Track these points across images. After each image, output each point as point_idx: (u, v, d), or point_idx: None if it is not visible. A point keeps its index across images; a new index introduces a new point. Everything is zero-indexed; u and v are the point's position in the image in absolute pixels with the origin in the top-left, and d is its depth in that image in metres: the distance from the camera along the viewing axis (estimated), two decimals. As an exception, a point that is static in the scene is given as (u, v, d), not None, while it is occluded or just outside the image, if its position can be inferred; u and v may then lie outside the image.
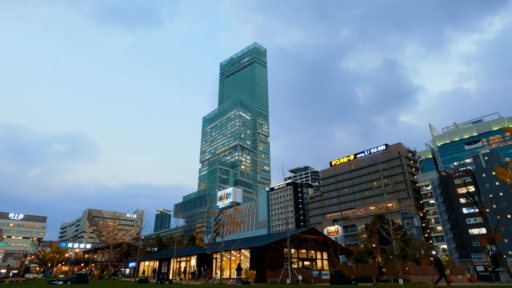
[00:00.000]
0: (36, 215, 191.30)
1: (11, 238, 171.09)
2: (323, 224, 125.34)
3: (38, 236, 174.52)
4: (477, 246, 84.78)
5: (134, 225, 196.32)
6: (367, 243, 52.58)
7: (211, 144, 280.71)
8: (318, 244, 39.41)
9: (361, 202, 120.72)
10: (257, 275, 33.63)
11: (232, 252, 38.25)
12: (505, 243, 77.05)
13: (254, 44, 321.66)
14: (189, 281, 38.49)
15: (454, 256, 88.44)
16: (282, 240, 31.05)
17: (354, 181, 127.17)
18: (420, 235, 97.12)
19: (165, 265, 51.95)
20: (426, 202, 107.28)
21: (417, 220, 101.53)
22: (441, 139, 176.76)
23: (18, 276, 61.39)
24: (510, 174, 20.80)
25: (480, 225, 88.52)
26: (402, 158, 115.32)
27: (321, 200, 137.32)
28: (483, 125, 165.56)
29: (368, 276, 32.64)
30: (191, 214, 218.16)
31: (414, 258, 50.30)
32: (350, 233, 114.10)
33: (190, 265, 46.46)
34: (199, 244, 43.60)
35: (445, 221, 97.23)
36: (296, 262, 35.95)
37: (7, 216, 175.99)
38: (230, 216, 39.23)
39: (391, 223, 32.53)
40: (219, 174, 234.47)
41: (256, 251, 35.09)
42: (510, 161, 22.31)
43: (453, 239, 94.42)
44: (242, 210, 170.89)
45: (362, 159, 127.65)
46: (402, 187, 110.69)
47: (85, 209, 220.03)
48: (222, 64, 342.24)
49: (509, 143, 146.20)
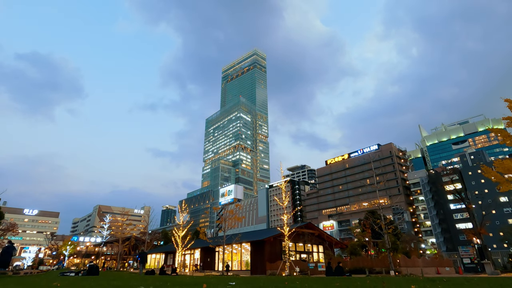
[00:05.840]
0: (50, 211, 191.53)
1: (26, 233, 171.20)
2: (319, 219, 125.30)
3: (51, 230, 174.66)
4: (463, 239, 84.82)
5: (141, 220, 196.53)
6: (361, 237, 52.58)
7: (213, 144, 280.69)
8: (315, 238, 39.40)
9: (355, 199, 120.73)
10: (257, 267, 33.64)
11: (234, 246, 38.24)
12: (490, 237, 77.05)
13: (254, 50, 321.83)
14: (193, 273, 38.52)
15: (442, 249, 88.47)
16: (281, 234, 31.05)
17: (348, 179, 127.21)
18: (410, 230, 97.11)
19: (171, 258, 51.96)
20: (415, 198, 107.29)
21: (407, 215, 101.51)
22: (430, 139, 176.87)
23: (33, 268, 61.38)
24: (495, 172, 20.79)
25: (466, 220, 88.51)
26: (393, 157, 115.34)
27: (317, 197, 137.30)
28: (469, 126, 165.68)
29: (361, 268, 32.65)
30: (195, 210, 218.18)
31: (405, 251, 50.31)
32: (344, 228, 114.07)
33: (194, 258, 46.51)
34: (202, 238, 43.61)
35: (434, 216, 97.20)
36: (294, 255, 35.98)
37: (22, 212, 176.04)
38: (231, 211, 39.24)
39: (383, 218, 32.54)
40: (221, 172, 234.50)
41: (256, 245, 35.10)
42: (494, 160, 22.28)
43: (441, 233, 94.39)
44: (243, 206, 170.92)
45: (355, 158, 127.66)
46: (393, 184, 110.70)
47: (95, 205, 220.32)
48: (224, 69, 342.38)
49: (494, 143, 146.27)
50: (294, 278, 21.65)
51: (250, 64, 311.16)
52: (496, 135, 21.91)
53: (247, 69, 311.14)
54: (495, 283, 8.03)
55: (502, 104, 20.28)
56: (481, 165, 26.42)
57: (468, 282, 8.60)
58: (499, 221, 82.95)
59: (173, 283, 7.82)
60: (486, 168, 21.98)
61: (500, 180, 20.31)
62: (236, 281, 8.31)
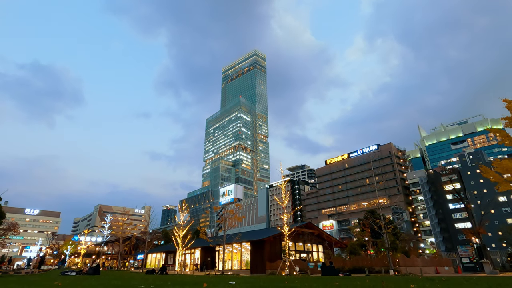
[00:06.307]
0: (51, 211, 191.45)
1: (27, 232, 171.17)
2: (318, 218, 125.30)
3: (52, 230, 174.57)
4: (462, 239, 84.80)
5: (142, 220, 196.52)
6: (360, 237, 52.53)
7: (214, 144, 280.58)
8: (314, 237, 39.40)
9: (354, 198, 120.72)
10: (257, 267, 33.65)
11: (234, 245, 38.24)
12: (488, 237, 77.13)
13: (254, 51, 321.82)
14: (194, 272, 38.51)
15: (441, 248, 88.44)
16: (281, 233, 31.06)
17: (347, 179, 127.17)
18: (409, 229, 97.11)
19: (171, 257, 51.97)
20: (415, 198, 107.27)
21: (406, 215, 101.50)
22: (429, 139, 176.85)
23: (34, 267, 61.32)
24: (493, 172, 20.79)
25: (465, 220, 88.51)
26: (392, 157, 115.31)
27: (317, 197, 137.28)
28: (468, 126, 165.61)
29: (360, 267, 32.64)
30: (195, 210, 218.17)
31: (404, 250, 50.23)
32: (344, 227, 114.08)
33: (194, 257, 46.52)
34: (202, 237, 43.62)
35: (433, 216, 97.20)
36: (294, 254, 35.99)
37: (23, 211, 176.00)
38: (232, 211, 39.23)
39: (382, 218, 32.53)
40: (222, 172, 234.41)
41: (256, 244, 35.11)
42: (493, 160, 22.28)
43: (440, 233, 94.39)
44: (243, 205, 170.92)
45: (355, 158, 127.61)
46: (393, 184, 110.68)
47: (96, 205, 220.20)
48: (224, 69, 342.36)
49: (492, 143, 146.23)
50: (294, 277, 21.64)
51: (250, 64, 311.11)
52: (495, 135, 21.94)
53: (247, 69, 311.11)
54: (494, 282, 8.04)
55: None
56: (480, 165, 26.40)
57: (467, 281, 8.61)
58: (498, 220, 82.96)
59: (174, 282, 7.83)
60: (485, 168, 21.96)
61: (498, 180, 20.30)
62: (236, 280, 8.33)
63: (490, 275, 24.64)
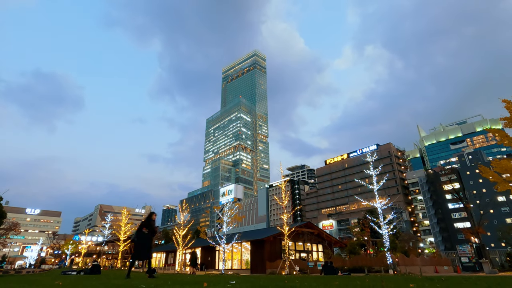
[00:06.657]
0: (52, 210, 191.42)
1: (28, 232, 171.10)
2: (318, 218, 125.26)
3: (53, 230, 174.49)
4: (461, 239, 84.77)
5: (142, 220, 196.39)
6: (360, 236, 52.49)
7: (214, 144, 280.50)
8: (314, 237, 39.39)
9: (354, 198, 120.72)
10: (257, 266, 33.64)
11: (234, 245, 38.23)
12: (488, 236, 77.11)
13: (254, 51, 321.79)
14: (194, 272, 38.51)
15: (441, 248, 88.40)
16: (281, 233, 31.04)
17: (347, 179, 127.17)
18: (408, 229, 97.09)
19: (172, 257, 51.93)
20: (414, 198, 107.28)
21: (406, 214, 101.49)
22: (428, 139, 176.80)
23: (35, 267, 61.45)
24: (493, 172, 20.78)
25: (464, 220, 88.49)
26: (392, 157, 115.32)
27: (316, 196, 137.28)
28: (467, 126, 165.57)
29: (360, 267, 32.61)
30: (195, 209, 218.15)
31: (403, 250, 50.18)
32: (343, 227, 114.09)
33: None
34: (203, 237, 43.62)
35: (432, 216, 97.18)
36: (294, 254, 35.97)
37: (24, 211, 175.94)
38: (232, 211, 39.24)
39: (383, 218, 32.44)
40: (222, 172, 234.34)
41: (256, 244, 35.10)
42: (492, 160, 22.32)
43: (440, 232, 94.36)
44: (243, 205, 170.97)
45: (354, 158, 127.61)
46: (392, 184, 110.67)
47: (96, 205, 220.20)
48: (224, 70, 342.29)
49: (491, 143, 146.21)
50: (294, 277, 21.62)
51: (250, 64, 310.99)
52: (494, 135, 21.93)
53: (247, 69, 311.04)
54: (493, 281, 8.03)
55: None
56: (479, 165, 26.40)
57: (466, 280, 8.59)
58: (497, 220, 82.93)
59: (174, 281, 7.81)
60: (484, 168, 21.94)
61: (497, 180, 20.29)
62: (237, 280, 8.31)
63: (489, 275, 24.63)
